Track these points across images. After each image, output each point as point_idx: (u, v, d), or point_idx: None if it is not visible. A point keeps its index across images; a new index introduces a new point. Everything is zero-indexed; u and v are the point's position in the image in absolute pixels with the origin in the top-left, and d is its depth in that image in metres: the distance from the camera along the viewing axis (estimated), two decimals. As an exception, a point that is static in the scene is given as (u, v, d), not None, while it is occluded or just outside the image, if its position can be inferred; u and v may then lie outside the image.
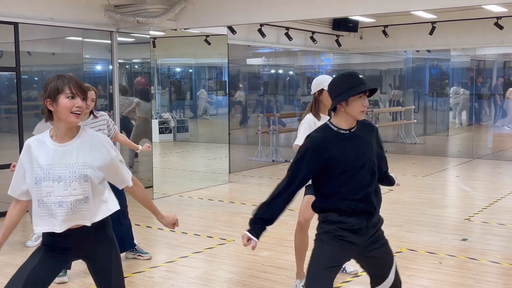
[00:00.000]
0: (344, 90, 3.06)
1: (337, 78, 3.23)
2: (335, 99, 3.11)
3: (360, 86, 3.06)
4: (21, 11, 7.59)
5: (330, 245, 3.16)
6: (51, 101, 2.75)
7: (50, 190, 2.78)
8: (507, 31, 11.44)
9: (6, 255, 5.80)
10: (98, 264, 3.02)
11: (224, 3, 8.83)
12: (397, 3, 7.76)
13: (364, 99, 3.10)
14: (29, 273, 2.83)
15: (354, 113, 3.10)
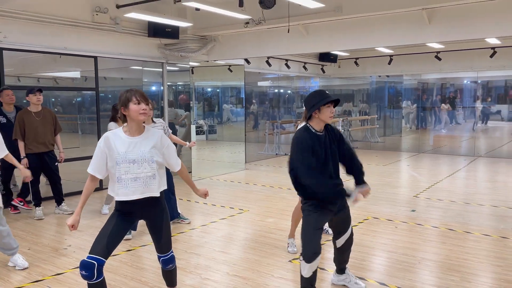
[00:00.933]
0: (316, 101, 3.15)
1: (310, 94, 3.27)
2: (310, 109, 3.18)
3: (327, 98, 3.16)
4: (99, 48, 7.62)
5: (316, 213, 3.23)
6: (124, 108, 2.85)
7: (127, 169, 2.85)
8: (444, 61, 11.33)
9: (88, 219, 5.82)
10: (154, 222, 3.09)
11: (242, 43, 8.83)
12: (364, 42, 7.70)
13: (331, 107, 3.19)
14: (109, 230, 2.92)
15: (324, 118, 3.19)
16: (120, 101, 2.86)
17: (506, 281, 3.80)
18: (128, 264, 4.28)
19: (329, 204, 3.29)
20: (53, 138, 6.11)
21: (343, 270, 3.72)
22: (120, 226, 2.96)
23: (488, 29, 6.56)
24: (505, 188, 7.80)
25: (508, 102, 15.17)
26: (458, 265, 4.18)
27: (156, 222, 3.08)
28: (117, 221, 2.95)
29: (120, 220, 2.96)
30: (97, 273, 2.83)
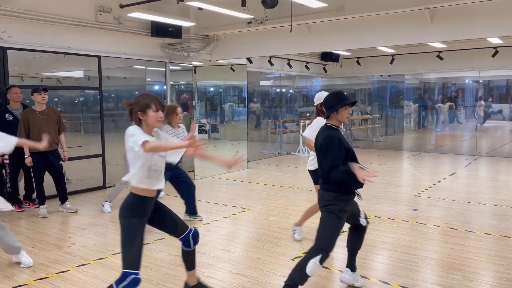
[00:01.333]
0: (335, 103, 3.25)
1: (329, 95, 3.35)
2: (329, 110, 3.29)
3: (345, 100, 3.26)
4: (103, 48, 7.64)
5: (343, 218, 3.33)
6: (142, 113, 2.88)
7: (156, 161, 2.95)
8: (446, 61, 11.29)
9: (92, 218, 5.83)
10: (161, 209, 3.16)
11: (244, 42, 8.83)
12: (367, 41, 7.69)
13: (349, 109, 3.31)
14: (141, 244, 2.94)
15: (342, 119, 3.31)
16: (138, 105, 2.88)
17: (508, 280, 3.80)
18: (131, 262, 4.28)
19: (349, 204, 3.38)
20: (57, 137, 6.14)
21: (353, 265, 3.70)
22: (143, 234, 2.99)
23: (490, 29, 6.54)
24: (506, 187, 7.79)
25: (510, 102, 15.12)
26: (459, 264, 4.18)
27: (160, 205, 3.15)
28: (142, 231, 2.96)
29: (143, 228, 2.99)
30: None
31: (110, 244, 4.84)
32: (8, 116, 6.16)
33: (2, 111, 6.18)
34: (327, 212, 3.29)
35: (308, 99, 16.75)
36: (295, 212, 5.69)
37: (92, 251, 4.63)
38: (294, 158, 11.44)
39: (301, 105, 16.45)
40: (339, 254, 4.36)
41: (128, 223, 2.89)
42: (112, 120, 12.50)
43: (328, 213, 3.28)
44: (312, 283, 3.76)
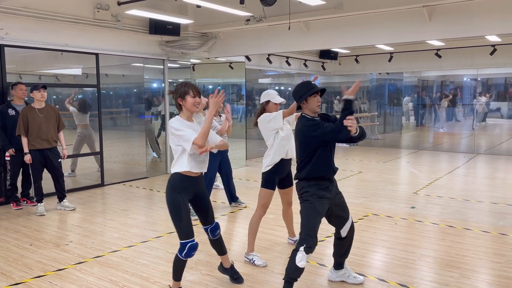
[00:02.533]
0: (303, 93, 3.30)
1: (297, 86, 3.37)
2: (298, 100, 3.32)
3: (312, 89, 3.29)
4: (101, 45, 7.60)
5: (318, 202, 3.31)
6: (181, 99, 3.19)
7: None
8: (444, 59, 11.28)
9: (89, 216, 5.81)
10: (202, 196, 3.42)
11: (242, 39, 8.80)
12: (365, 39, 7.66)
13: (317, 97, 3.32)
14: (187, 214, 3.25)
15: (312, 107, 3.32)
16: (178, 92, 3.19)
17: (505, 278, 3.80)
18: (129, 260, 4.28)
19: (326, 191, 3.34)
20: (56, 134, 6.13)
21: (341, 264, 3.73)
22: (187, 208, 3.30)
23: (488, 27, 6.53)
24: (504, 185, 7.79)
25: (508, 100, 15.13)
26: (457, 261, 4.17)
27: (204, 196, 3.43)
28: (186, 205, 3.26)
29: (186, 203, 3.28)
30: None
31: (108, 242, 4.83)
32: (11, 111, 6.16)
33: (6, 106, 6.19)
34: (301, 201, 3.37)
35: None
36: (294, 209, 5.67)
37: (89, 249, 4.61)
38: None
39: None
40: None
41: (172, 200, 3.24)
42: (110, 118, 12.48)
43: (302, 201, 3.36)
44: (312, 281, 3.76)
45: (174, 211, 3.22)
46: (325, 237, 4.81)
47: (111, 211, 6.18)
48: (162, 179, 8.52)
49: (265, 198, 4.23)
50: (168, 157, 9.26)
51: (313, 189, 3.31)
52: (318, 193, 3.30)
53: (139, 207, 6.38)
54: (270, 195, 4.25)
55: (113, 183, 7.98)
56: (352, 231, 3.62)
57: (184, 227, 3.20)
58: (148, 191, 7.51)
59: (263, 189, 4.24)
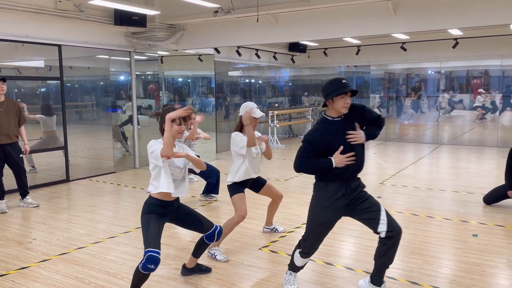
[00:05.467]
0: (330, 91, 3.01)
1: (327, 83, 3.11)
2: (325, 98, 3.06)
3: (341, 88, 2.98)
4: (63, 36, 7.37)
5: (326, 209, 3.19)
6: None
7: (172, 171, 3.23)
8: (409, 52, 11.54)
9: (53, 212, 5.65)
10: (187, 210, 3.41)
11: (211, 31, 8.71)
12: (332, 32, 7.73)
13: (346, 98, 3.02)
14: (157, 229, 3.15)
15: (338, 108, 3.04)
16: (164, 117, 3.06)
17: (466, 263, 3.95)
18: (96, 257, 4.19)
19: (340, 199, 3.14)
20: (17, 129, 5.90)
21: (381, 278, 3.29)
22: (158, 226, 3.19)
23: (450, 20, 6.71)
24: (466, 174, 8.09)
25: (470, 92, 15.66)
26: (421, 248, 4.31)
27: (183, 209, 3.39)
28: (156, 223, 3.18)
29: (158, 221, 3.20)
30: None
31: (74, 239, 4.71)
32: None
33: None
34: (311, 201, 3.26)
35: (277, 89, 16.78)
36: (263, 201, 5.70)
37: (54, 246, 4.49)
38: (263, 149, 11.47)
39: (269, 96, 16.47)
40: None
41: (144, 219, 3.18)
42: (75, 112, 12.14)
43: (311, 202, 3.25)
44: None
45: (144, 225, 3.17)
46: (295, 227, 4.85)
47: (76, 207, 6.03)
48: (130, 174, 8.38)
49: (239, 203, 4.16)
50: (136, 152, 9.10)
51: (319, 194, 3.16)
52: (328, 199, 3.12)
53: (106, 203, 6.25)
54: (242, 198, 4.21)
55: (78, 179, 7.77)
56: (396, 229, 3.17)
57: (148, 238, 3.09)
58: (115, 186, 7.37)
59: (233, 197, 4.21)
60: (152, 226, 3.12)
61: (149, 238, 3.08)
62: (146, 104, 12.33)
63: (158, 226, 3.16)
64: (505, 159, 5.79)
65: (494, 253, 4.16)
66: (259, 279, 3.70)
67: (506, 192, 5.64)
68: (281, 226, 4.96)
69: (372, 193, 6.51)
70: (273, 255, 4.20)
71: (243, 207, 4.16)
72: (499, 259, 4.03)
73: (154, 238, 3.08)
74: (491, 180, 7.08)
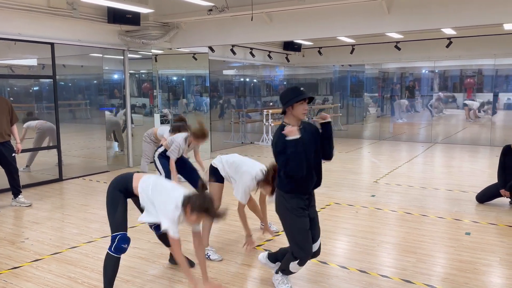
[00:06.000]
0: (289, 98, 3.13)
1: (285, 90, 3.24)
2: (284, 105, 3.16)
3: (300, 95, 3.12)
4: (56, 34, 7.32)
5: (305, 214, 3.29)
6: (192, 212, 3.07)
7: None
8: (403, 51, 11.57)
9: (46, 212, 5.61)
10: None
11: (205, 30, 8.69)
12: (326, 31, 7.74)
13: (304, 105, 3.16)
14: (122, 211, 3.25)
15: (297, 114, 3.17)
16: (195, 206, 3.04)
17: (459, 261, 3.97)
18: (89, 256, 4.17)
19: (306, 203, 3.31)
20: (9, 128, 5.86)
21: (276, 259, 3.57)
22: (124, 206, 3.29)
23: (444, 20, 6.74)
24: (459, 172, 8.13)
25: (463, 91, 15.74)
26: (414, 247, 4.32)
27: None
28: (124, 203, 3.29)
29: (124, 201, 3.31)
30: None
31: (67, 238, 4.68)
32: None
33: None
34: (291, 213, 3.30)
35: (272, 88, 16.78)
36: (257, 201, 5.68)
37: (47, 245, 4.46)
38: (258, 148, 11.47)
39: (264, 95, 16.47)
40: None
41: (112, 195, 3.27)
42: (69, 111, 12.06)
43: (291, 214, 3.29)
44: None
45: (110, 203, 3.23)
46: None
47: (69, 206, 5.99)
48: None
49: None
50: (130, 151, 9.06)
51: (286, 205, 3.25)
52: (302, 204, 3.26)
53: (100, 202, 6.21)
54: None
55: (72, 178, 7.72)
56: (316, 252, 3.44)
57: (116, 220, 3.16)
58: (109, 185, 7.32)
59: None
60: (120, 209, 3.20)
61: (116, 221, 3.17)
62: (140, 103, 12.32)
63: (124, 208, 3.23)
64: (497, 158, 5.83)
65: (487, 251, 4.19)
66: (253, 277, 3.70)
67: (499, 190, 5.68)
68: (274, 225, 4.96)
69: (366, 192, 6.59)
70: (267, 254, 4.20)
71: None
72: (492, 257, 4.06)
73: (121, 221, 3.18)
74: (484, 178, 7.12)
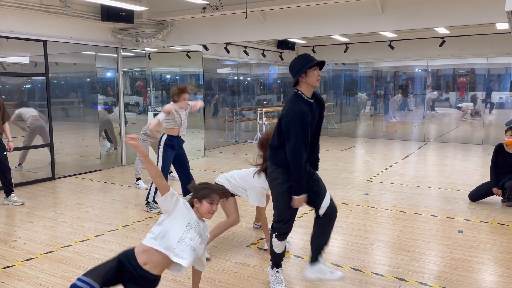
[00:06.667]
0: (302, 65, 3.04)
1: (294, 59, 3.14)
2: (297, 74, 3.05)
3: (312, 61, 3.05)
4: (49, 32, 7.26)
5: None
6: (197, 201, 2.86)
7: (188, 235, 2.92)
8: (397, 50, 11.62)
9: (39, 210, 5.57)
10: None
11: (199, 28, 8.66)
12: (320, 30, 7.75)
13: (317, 70, 3.08)
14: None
15: (311, 82, 3.06)
16: (198, 193, 2.84)
17: (452, 259, 4.00)
18: (82, 255, 4.14)
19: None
20: (1, 126, 5.80)
21: (316, 257, 3.36)
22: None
23: (437, 19, 6.78)
24: (452, 171, 8.18)
25: (456, 90, 15.84)
26: (407, 245, 4.35)
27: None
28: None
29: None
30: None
31: (60, 237, 4.65)
32: None
33: None
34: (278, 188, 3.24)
35: (266, 87, 16.77)
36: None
37: (40, 244, 4.43)
38: (252, 146, 11.46)
39: (258, 93, 16.46)
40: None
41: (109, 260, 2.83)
42: (62, 109, 11.99)
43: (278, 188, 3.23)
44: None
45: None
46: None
47: (62, 205, 5.96)
48: (117, 171, 8.30)
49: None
50: (123, 149, 9.02)
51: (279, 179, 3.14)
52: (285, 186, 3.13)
53: (93, 201, 6.18)
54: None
55: (65, 176, 7.68)
56: (333, 209, 3.31)
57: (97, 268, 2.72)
58: (102, 183, 7.29)
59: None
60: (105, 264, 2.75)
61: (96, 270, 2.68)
62: (133, 101, 12.23)
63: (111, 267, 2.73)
64: (490, 156, 5.87)
65: (479, 249, 4.22)
66: (247, 276, 3.70)
67: (491, 189, 5.73)
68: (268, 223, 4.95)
69: (360, 190, 6.60)
70: (262, 253, 4.20)
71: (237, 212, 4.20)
72: (484, 255, 4.09)
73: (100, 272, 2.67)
74: (476, 177, 7.18)
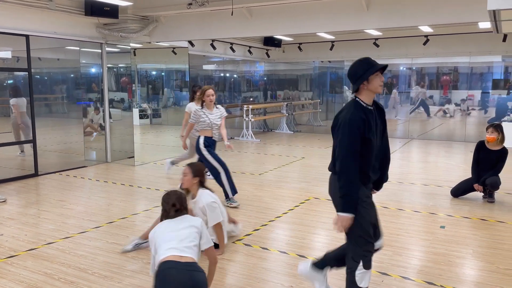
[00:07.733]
0: (364, 71, 2.69)
1: (354, 64, 2.75)
2: (358, 80, 2.70)
3: (375, 66, 2.71)
4: (31, 26, 7.14)
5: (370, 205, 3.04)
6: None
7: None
8: (382, 48, 11.75)
9: (21, 208, 5.49)
10: None
11: (185, 23, 8.62)
12: (306, 27, 7.78)
13: (380, 76, 2.75)
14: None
15: (374, 88, 2.73)
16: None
17: (434, 254, 4.07)
18: (65, 252, 4.10)
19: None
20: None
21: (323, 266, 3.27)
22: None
23: (421, 17, 6.87)
24: (435, 168, 8.31)
25: (440, 88, 16.06)
26: (391, 240, 4.41)
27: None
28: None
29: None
30: None
31: (43, 234, 4.60)
32: None
33: None
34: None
35: (252, 84, 16.77)
36: (238, 196, 5.70)
37: (22, 242, 4.37)
38: (238, 143, 11.46)
39: (244, 90, 16.46)
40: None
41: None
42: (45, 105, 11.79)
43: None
44: (254, 264, 3.80)
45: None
46: (268, 221, 4.88)
47: (46, 202, 5.88)
48: (101, 168, 8.22)
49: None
50: (108, 146, 8.93)
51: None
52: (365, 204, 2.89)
53: (77, 197, 6.12)
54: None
55: (48, 173, 7.57)
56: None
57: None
58: (86, 180, 7.22)
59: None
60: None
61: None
62: (118, 97, 12.14)
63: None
64: (472, 153, 5.99)
65: (461, 244, 4.31)
66: (233, 272, 3.72)
67: (473, 185, 5.84)
68: (256, 219, 4.98)
69: (345, 186, 6.62)
70: (247, 248, 4.22)
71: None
72: (465, 250, 4.18)
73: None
74: (458, 173, 7.31)
